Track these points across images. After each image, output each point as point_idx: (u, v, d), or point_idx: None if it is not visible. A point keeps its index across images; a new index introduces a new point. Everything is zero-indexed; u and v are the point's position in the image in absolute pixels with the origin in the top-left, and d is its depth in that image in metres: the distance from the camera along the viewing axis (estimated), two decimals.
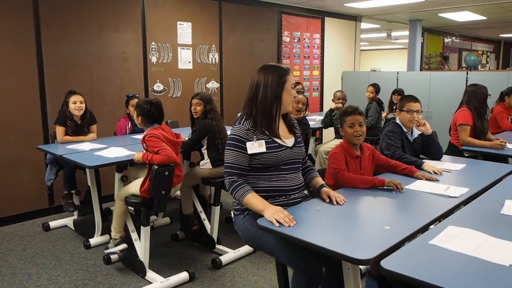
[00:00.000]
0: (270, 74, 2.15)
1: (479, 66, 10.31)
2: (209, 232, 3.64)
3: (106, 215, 4.00)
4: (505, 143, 3.70)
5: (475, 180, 2.63)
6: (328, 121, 5.22)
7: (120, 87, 5.05)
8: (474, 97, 4.01)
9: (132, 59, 5.16)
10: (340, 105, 5.28)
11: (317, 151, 5.44)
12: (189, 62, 5.68)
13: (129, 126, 4.50)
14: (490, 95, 4.06)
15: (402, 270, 1.45)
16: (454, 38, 11.83)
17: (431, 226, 1.89)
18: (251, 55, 6.43)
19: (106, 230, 3.71)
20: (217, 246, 3.60)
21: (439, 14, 8.23)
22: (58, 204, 4.48)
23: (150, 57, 5.32)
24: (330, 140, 5.48)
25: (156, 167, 2.93)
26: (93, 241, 3.75)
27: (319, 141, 6.86)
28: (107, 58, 4.95)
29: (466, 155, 3.85)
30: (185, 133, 3.85)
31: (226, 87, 6.14)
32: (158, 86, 5.44)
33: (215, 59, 5.98)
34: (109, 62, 4.96)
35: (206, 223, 3.71)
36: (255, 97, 2.16)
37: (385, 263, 1.49)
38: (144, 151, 3.12)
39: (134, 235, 3.24)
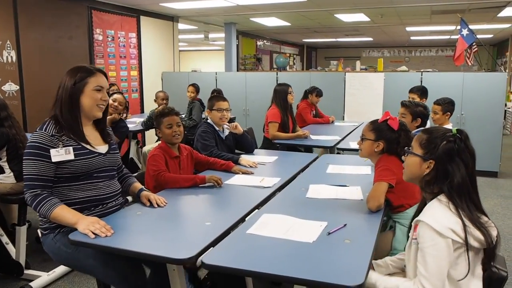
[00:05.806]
0: (69, 76, 2.00)
1: (287, 67, 11.52)
2: (14, 257, 3.13)
3: None
4: (308, 133, 4.19)
5: (286, 170, 2.90)
6: (150, 124, 5.08)
7: None
8: (278, 95, 4.44)
9: None
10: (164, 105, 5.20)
11: (141, 154, 5.25)
12: None
13: None
14: (290, 92, 4.48)
15: (222, 262, 1.52)
16: (265, 41, 12.95)
17: (249, 217, 1.98)
18: (58, 54, 5.80)
19: None
20: (26, 271, 3.12)
21: (251, 19, 8.89)
22: None
23: None
24: (155, 142, 5.34)
25: None
26: None
27: (142, 143, 6.65)
28: None
29: (278, 146, 4.22)
30: None
31: (29, 89, 5.38)
32: None
33: (11, 57, 5.18)
34: None
35: (10, 247, 3.18)
36: (57, 100, 2.00)
37: (206, 258, 1.53)
38: None
39: None
